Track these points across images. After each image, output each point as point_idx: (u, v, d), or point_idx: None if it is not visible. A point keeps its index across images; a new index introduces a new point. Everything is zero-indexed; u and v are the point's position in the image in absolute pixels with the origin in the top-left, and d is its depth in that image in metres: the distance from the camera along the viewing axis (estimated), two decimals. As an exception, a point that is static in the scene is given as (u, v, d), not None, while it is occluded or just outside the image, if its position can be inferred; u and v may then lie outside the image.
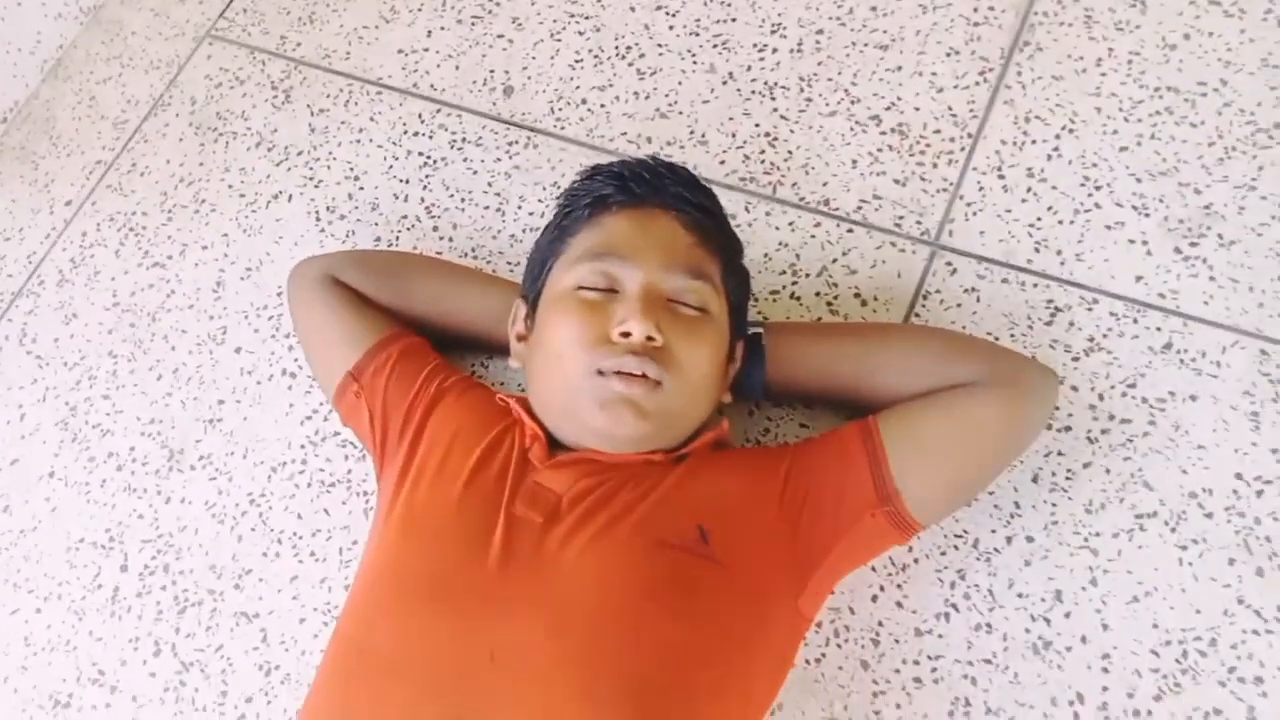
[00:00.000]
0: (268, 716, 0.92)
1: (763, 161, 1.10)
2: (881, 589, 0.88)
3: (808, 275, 1.03)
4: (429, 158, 1.18)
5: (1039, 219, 1.01)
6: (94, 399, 1.11)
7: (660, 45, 1.19)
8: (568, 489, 0.76)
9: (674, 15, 1.20)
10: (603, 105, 1.17)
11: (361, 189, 1.17)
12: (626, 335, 0.75)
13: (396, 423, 0.89)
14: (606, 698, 0.66)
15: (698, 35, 1.19)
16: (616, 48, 1.20)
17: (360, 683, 0.70)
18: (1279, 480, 0.87)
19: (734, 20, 1.19)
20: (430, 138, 1.19)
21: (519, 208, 1.12)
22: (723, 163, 1.10)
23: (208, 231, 1.19)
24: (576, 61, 1.21)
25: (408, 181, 1.17)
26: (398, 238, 1.13)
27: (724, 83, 1.15)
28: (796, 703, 0.85)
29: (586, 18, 1.23)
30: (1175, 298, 0.95)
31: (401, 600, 0.72)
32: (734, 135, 1.12)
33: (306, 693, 0.76)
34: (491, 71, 1.22)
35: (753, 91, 1.14)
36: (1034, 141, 1.05)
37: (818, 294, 1.02)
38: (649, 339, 0.75)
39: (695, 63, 1.17)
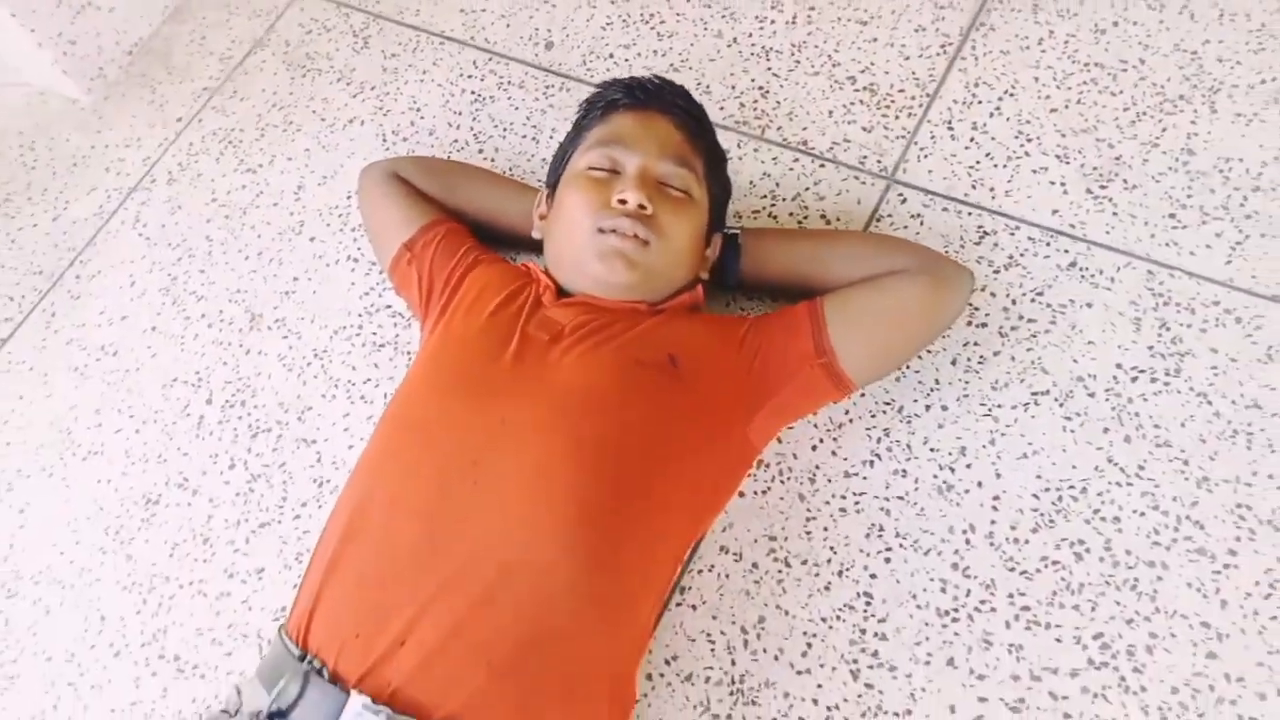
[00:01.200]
0: (319, 518, 1.14)
1: (755, 109, 1.32)
2: (820, 441, 1.08)
3: (784, 200, 1.24)
4: (479, 96, 1.41)
5: (978, 163, 1.22)
6: (191, 272, 1.35)
7: (678, 14, 1.42)
8: (570, 320, 0.97)
9: (692, -9, 1.44)
10: (627, 60, 1.40)
11: (422, 118, 1.41)
12: (624, 202, 0.97)
13: (440, 283, 1.11)
14: (587, 454, 0.87)
15: (710, 7, 1.42)
16: (642, 14, 1.43)
17: (400, 442, 0.92)
18: (1150, 370, 1.06)
19: (742, -3, 1.42)
20: (481, 80, 1.43)
21: (551, 138, 1.35)
22: (722, 108, 1.32)
23: (293, 147, 1.43)
24: (607, 24, 1.44)
25: (460, 114, 1.40)
26: (449, 157, 1.36)
27: (728, 45, 1.38)
28: (744, 523, 1.05)
29: (619, -10, 1.46)
30: (1083, 227, 1.15)
31: (436, 384, 0.94)
32: (733, 87, 1.34)
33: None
34: (536, 29, 1.46)
35: (751, 53, 1.36)
36: (980, 102, 1.26)
37: (791, 214, 1.23)
38: (641, 207, 0.97)
39: (706, 29, 1.40)
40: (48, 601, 1.16)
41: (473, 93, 1.42)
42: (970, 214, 1.19)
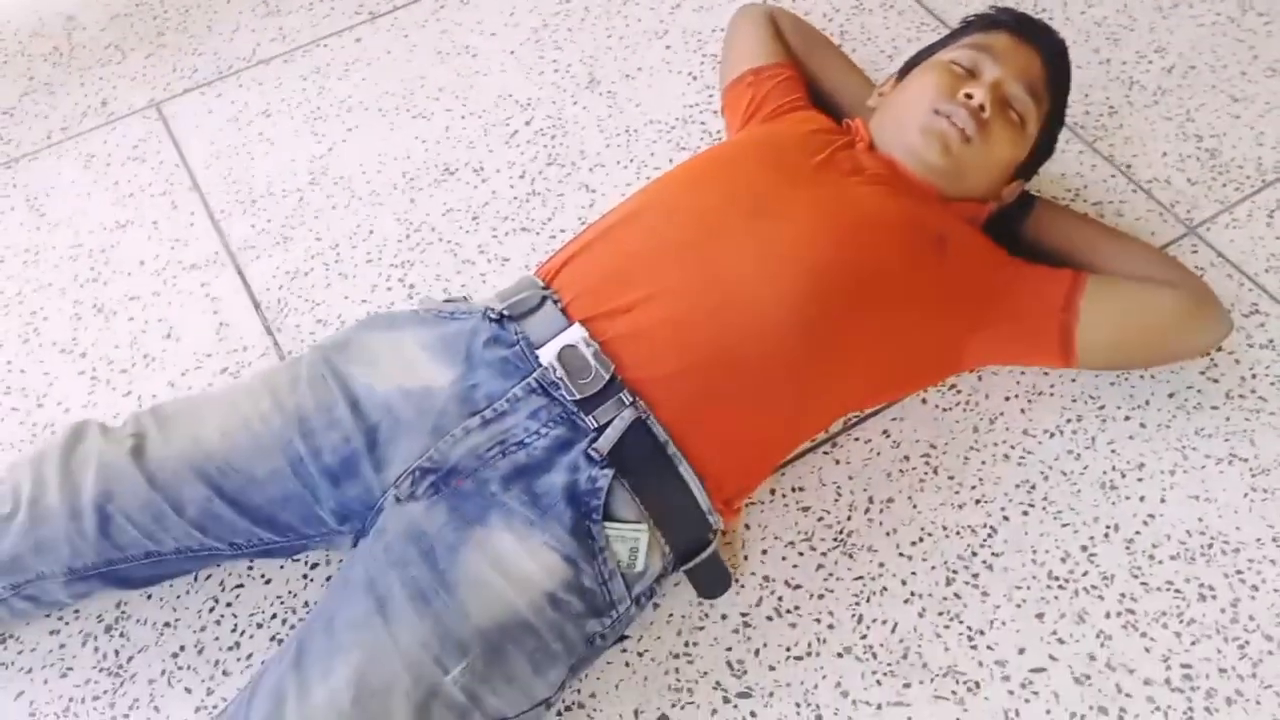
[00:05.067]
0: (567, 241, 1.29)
1: (1098, 122, 1.38)
2: (1015, 396, 1.14)
3: (1084, 203, 1.30)
4: (861, 3, 1.54)
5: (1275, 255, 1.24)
6: (560, 28, 1.53)
7: (1068, 17, 1.50)
8: (872, 167, 1.08)
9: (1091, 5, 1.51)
10: (1002, 33, 1.49)
11: None
12: (969, 97, 1.06)
13: (768, 108, 1.24)
14: (844, 260, 0.97)
15: (1100, 25, 1.49)
16: (1035, 4, 1.52)
17: (704, 170, 1.10)
18: (1357, 493, 1.06)
19: (1131, 30, 1.48)
20: (869, -6, 1.55)
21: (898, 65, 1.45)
22: (1069, 106, 1.39)
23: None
24: (1001, -1, 1.54)
25: (838, 10, 1.53)
26: (811, 38, 1.49)
27: (1100, 63, 1.45)
28: (914, 423, 1.12)
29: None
30: (1355, 350, 1.16)
31: (750, 148, 1.10)
32: (1087, 95, 1.41)
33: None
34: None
35: (1118, 77, 1.43)
36: (1312, 207, 1.28)
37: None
38: (980, 108, 1.06)
39: (1086, 40, 1.47)
40: (337, 199, 1.37)
41: None
42: (1251, 290, 1.21)
